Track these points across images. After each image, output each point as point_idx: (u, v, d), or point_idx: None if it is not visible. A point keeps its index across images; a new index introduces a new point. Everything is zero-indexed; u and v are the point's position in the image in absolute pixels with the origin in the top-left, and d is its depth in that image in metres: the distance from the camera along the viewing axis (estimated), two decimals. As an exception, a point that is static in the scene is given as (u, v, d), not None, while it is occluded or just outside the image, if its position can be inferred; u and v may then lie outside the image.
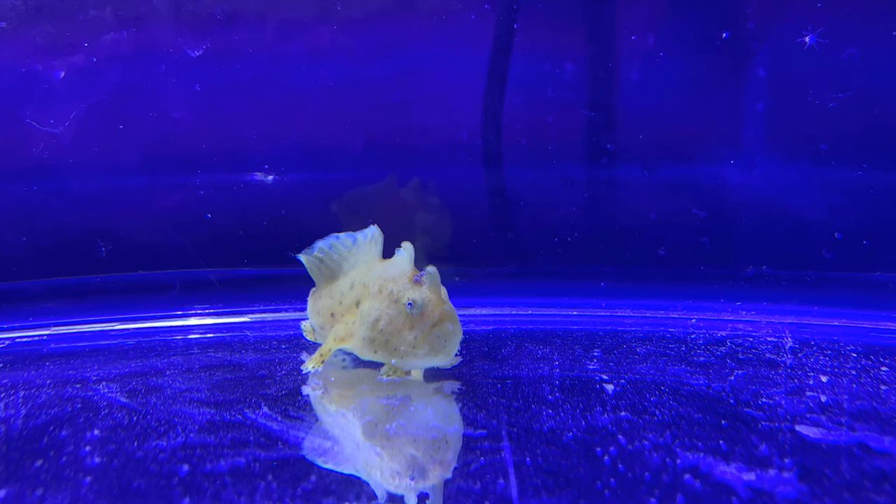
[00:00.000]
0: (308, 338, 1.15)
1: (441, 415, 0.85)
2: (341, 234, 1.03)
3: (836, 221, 1.27)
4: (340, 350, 1.01)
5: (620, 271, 1.36)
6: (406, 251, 0.93)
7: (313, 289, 1.08)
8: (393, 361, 0.92)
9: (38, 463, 0.74)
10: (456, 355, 0.94)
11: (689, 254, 1.33)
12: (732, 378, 0.96)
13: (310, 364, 1.00)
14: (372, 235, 1.00)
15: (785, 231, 1.32)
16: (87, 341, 1.26)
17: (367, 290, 0.95)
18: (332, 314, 1.02)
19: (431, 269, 0.90)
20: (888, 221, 1.27)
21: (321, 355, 1.00)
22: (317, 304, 1.06)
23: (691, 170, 1.34)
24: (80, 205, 1.36)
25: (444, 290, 0.93)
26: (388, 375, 0.94)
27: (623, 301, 1.34)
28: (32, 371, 1.07)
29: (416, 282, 0.91)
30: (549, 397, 0.89)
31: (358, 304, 0.96)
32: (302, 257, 1.05)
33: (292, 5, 1.30)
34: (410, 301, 0.89)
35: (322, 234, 1.06)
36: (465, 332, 1.20)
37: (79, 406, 0.90)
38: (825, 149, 1.26)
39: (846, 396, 0.88)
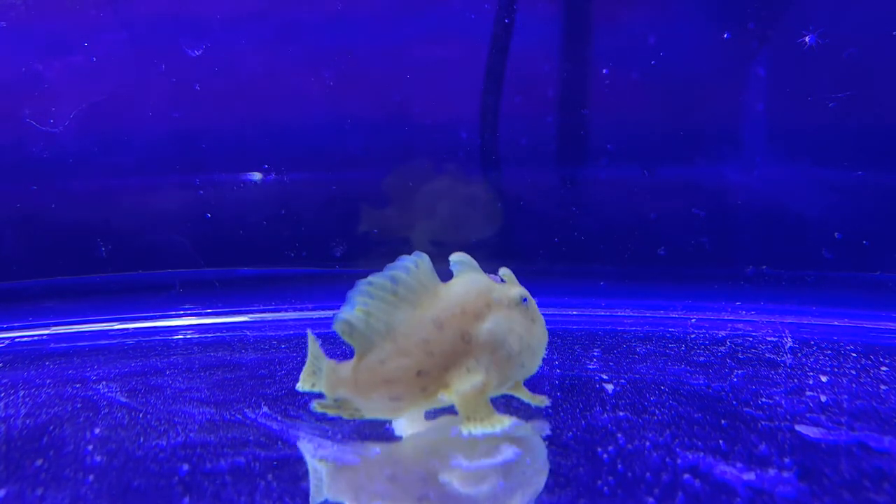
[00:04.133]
0: (330, 412, 0.78)
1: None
2: (373, 279, 0.78)
3: (836, 221, 1.27)
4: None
5: (620, 271, 1.36)
6: (460, 262, 0.82)
7: (331, 363, 0.78)
8: (520, 373, 0.79)
9: (38, 462, 0.74)
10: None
11: (689, 254, 1.33)
12: (732, 378, 0.96)
13: (474, 427, 0.75)
14: (422, 262, 0.79)
15: (785, 231, 1.32)
16: (87, 341, 1.26)
17: (470, 315, 0.77)
18: (420, 372, 0.76)
19: (506, 269, 0.82)
20: (888, 221, 1.27)
21: (481, 422, 0.76)
22: (380, 370, 0.76)
23: (691, 170, 1.34)
24: (80, 205, 1.36)
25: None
26: (482, 424, 0.75)
27: (623, 301, 1.34)
28: (32, 371, 1.07)
29: (501, 280, 0.82)
30: (550, 397, 0.89)
31: (464, 336, 0.76)
32: (339, 325, 0.76)
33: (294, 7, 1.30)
34: (522, 296, 0.80)
35: (323, 234, 1.04)
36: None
37: (79, 405, 0.90)
38: (825, 149, 1.26)
39: (846, 396, 0.88)
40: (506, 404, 0.85)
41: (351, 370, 0.76)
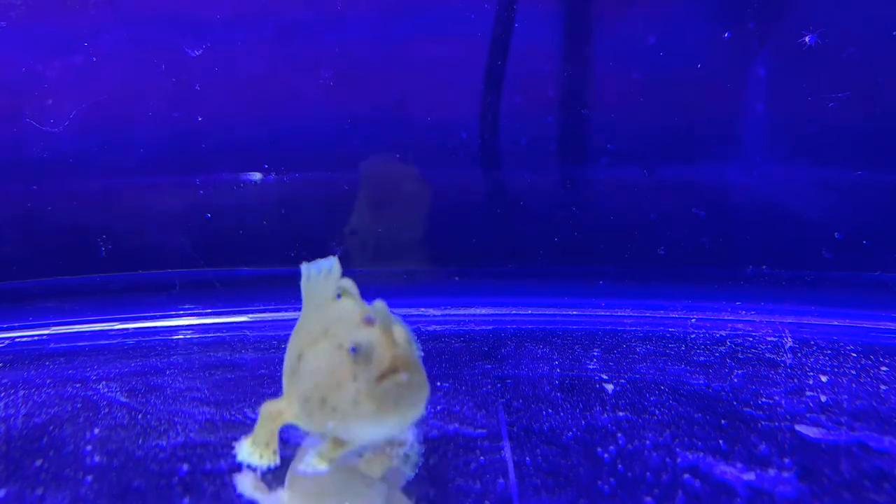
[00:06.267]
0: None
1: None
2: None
3: (836, 221, 1.27)
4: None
5: (620, 271, 1.36)
6: (352, 288, 0.72)
7: None
8: (329, 427, 0.65)
9: (38, 462, 0.74)
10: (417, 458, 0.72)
11: (689, 254, 1.33)
12: (732, 378, 0.96)
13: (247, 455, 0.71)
14: (328, 268, 0.74)
15: (785, 231, 1.32)
16: (87, 341, 1.26)
17: (308, 339, 0.70)
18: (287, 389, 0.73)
19: (379, 303, 0.65)
20: (888, 221, 1.27)
21: (255, 445, 0.72)
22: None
23: (691, 170, 1.34)
24: (80, 205, 1.36)
25: (404, 331, 0.67)
26: (316, 463, 0.66)
27: (623, 301, 1.34)
28: (32, 371, 1.07)
29: (369, 321, 0.66)
30: (549, 397, 0.89)
31: (300, 357, 0.69)
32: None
33: (294, 7, 1.30)
34: (354, 345, 0.64)
35: (323, 234, 1.03)
36: (464, 332, 1.21)
37: (79, 405, 0.90)
38: (825, 149, 1.26)
39: (846, 396, 0.88)
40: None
41: None
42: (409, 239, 1.36)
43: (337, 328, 0.67)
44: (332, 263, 0.74)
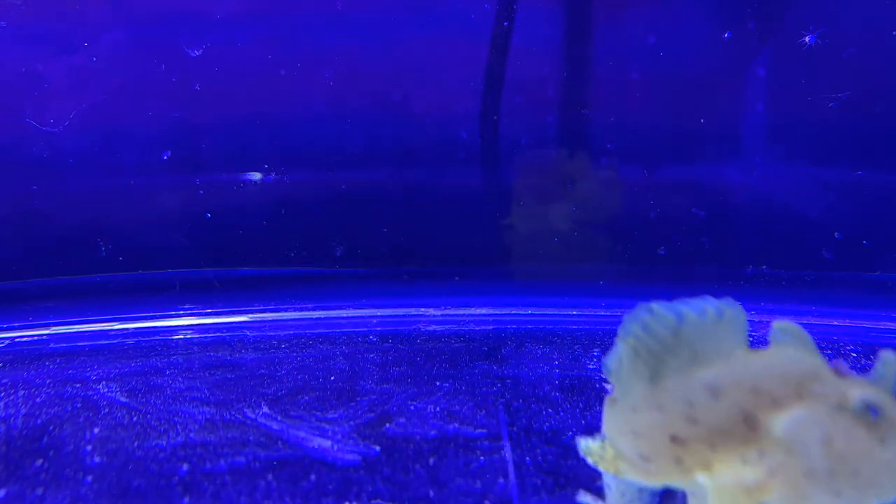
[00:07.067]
0: (600, 466, 0.66)
1: None
2: (655, 306, 0.67)
3: (836, 221, 1.27)
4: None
5: (620, 271, 1.36)
6: (784, 331, 0.62)
7: (609, 396, 0.66)
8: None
9: (38, 462, 0.74)
10: None
11: (689, 254, 1.33)
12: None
13: None
14: (730, 314, 0.65)
15: (785, 231, 1.32)
16: (87, 341, 1.26)
17: (765, 397, 0.58)
18: (675, 437, 0.61)
19: (840, 362, 0.58)
20: (888, 221, 1.27)
21: None
22: (630, 419, 0.63)
23: (691, 170, 1.34)
24: (80, 205, 1.36)
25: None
26: None
27: (623, 301, 1.33)
28: (32, 371, 1.07)
29: (839, 371, 0.57)
30: (549, 397, 0.89)
31: (748, 419, 0.58)
32: (613, 358, 0.64)
33: (294, 7, 1.30)
34: (868, 402, 0.54)
35: (323, 234, 1.04)
36: (464, 332, 1.21)
37: (79, 405, 0.90)
38: (825, 149, 1.26)
39: (846, 396, 0.88)
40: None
41: (614, 410, 0.64)
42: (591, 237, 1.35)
43: (823, 388, 0.57)
44: (733, 308, 0.63)
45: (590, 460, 0.65)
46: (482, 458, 0.73)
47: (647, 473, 0.62)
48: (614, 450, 0.64)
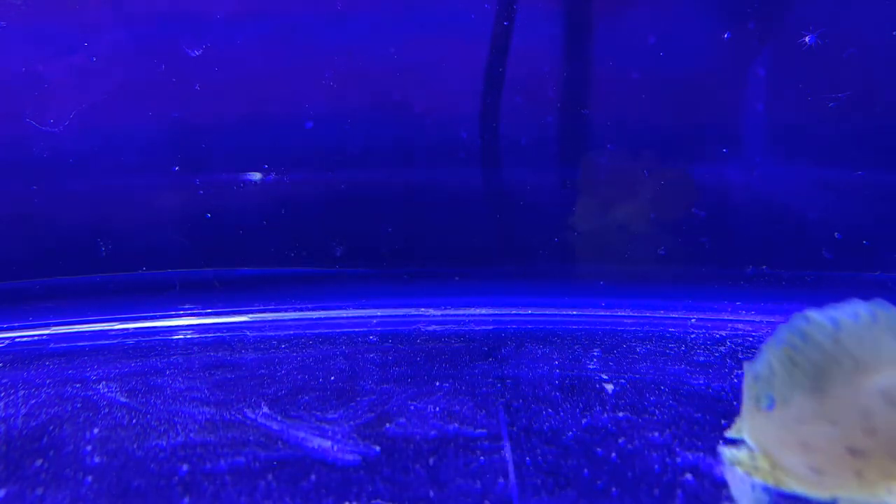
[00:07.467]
0: (756, 476, 0.64)
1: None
2: (811, 314, 0.66)
3: (836, 221, 1.27)
4: None
5: (620, 271, 1.36)
6: None
7: (746, 406, 0.65)
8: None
9: (38, 463, 0.74)
10: None
11: (689, 254, 1.33)
12: (732, 378, 0.96)
13: None
14: (883, 317, 0.64)
15: (785, 231, 1.32)
16: (87, 341, 1.26)
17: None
18: (853, 450, 0.58)
19: None
20: (888, 221, 1.27)
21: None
22: (796, 430, 0.61)
23: (691, 170, 1.34)
24: (80, 205, 1.36)
25: None
26: None
27: (623, 301, 1.34)
28: (32, 371, 1.07)
29: None
30: (549, 397, 0.89)
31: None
32: (762, 365, 0.63)
33: (294, 7, 1.30)
34: None
35: (323, 234, 1.04)
36: (464, 332, 1.21)
37: (79, 405, 0.90)
38: (825, 149, 1.26)
39: (846, 396, 0.88)
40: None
41: (768, 419, 0.62)
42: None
43: None
44: (888, 308, 0.63)
45: (740, 471, 0.63)
46: (482, 458, 0.73)
47: (819, 486, 0.60)
48: (769, 461, 0.62)
